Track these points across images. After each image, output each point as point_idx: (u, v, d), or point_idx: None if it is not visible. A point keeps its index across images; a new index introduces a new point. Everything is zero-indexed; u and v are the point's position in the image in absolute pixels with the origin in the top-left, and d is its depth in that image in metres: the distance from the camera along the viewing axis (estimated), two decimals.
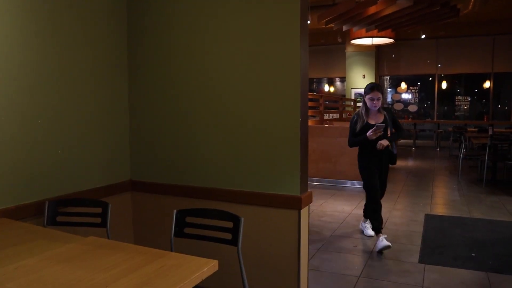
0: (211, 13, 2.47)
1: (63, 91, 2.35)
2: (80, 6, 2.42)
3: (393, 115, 4.03)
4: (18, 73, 2.11)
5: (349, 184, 6.84)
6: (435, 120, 12.74)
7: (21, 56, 2.12)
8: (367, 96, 3.82)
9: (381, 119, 3.90)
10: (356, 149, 4.05)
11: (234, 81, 2.44)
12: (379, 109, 3.88)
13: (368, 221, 4.29)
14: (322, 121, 8.65)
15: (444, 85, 12.61)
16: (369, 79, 12.62)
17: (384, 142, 3.80)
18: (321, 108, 8.66)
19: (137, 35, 2.73)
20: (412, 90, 13.94)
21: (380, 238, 3.76)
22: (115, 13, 2.67)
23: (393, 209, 5.31)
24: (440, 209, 5.42)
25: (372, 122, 3.87)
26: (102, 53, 2.58)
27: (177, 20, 2.58)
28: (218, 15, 2.45)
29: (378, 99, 3.78)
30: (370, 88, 3.81)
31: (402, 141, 12.52)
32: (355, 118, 3.97)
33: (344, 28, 8.38)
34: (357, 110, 4.01)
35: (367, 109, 3.90)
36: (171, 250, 1.99)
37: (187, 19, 2.55)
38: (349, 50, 12.67)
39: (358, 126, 3.86)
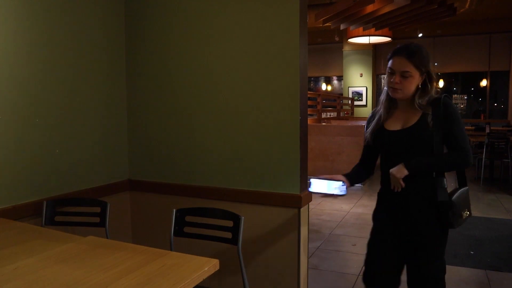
0: (211, 12, 2.45)
1: (60, 90, 2.33)
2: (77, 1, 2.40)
3: (450, 116, 1.72)
4: (15, 73, 2.09)
5: None
6: None
7: (18, 56, 2.10)
8: (387, 67, 1.80)
9: (413, 121, 1.77)
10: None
11: (233, 80, 2.43)
12: (416, 100, 1.76)
13: None
14: (320, 119, 8.65)
15: (441, 83, 12.63)
16: (367, 77, 12.63)
17: (399, 173, 1.74)
18: (319, 107, 8.66)
19: (135, 33, 2.71)
20: None
21: None
22: (113, 10, 2.65)
23: None
24: None
25: (392, 127, 1.82)
26: (99, 51, 2.56)
27: (176, 19, 2.57)
28: (218, 14, 2.44)
29: (403, 76, 1.73)
30: (391, 53, 1.79)
31: None
32: (370, 116, 1.96)
33: (342, 27, 8.37)
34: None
35: (389, 98, 1.85)
36: (171, 250, 1.98)
37: (186, 17, 2.53)
38: (346, 49, 12.66)
39: (368, 132, 1.89)
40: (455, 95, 13.37)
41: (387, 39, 10.33)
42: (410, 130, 1.76)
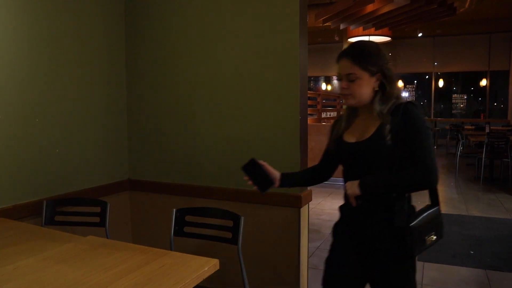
0: (210, 12, 2.45)
1: (60, 90, 2.33)
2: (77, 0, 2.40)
3: (411, 127, 1.44)
4: (14, 73, 2.09)
5: None
6: (431, 118, 12.76)
7: (18, 56, 2.10)
8: None
9: (369, 132, 1.51)
10: None
11: (233, 79, 2.43)
12: (376, 107, 1.50)
13: None
14: (320, 119, 8.65)
15: (441, 83, 12.62)
16: None
17: (350, 189, 1.56)
18: (319, 107, 8.66)
19: (135, 33, 2.71)
20: (409, 89, 13.96)
21: None
22: (113, 10, 2.64)
23: None
24: None
25: (349, 138, 1.59)
26: (99, 51, 2.56)
27: (176, 19, 2.57)
28: (217, 14, 2.44)
29: (349, 79, 1.51)
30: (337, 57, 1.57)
31: None
32: (335, 122, 1.73)
33: (341, 26, 8.37)
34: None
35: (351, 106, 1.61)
36: (171, 250, 1.98)
37: (186, 17, 2.53)
38: None
39: (330, 140, 1.70)
40: (455, 94, 13.38)
41: (387, 39, 10.32)
42: (365, 143, 1.52)
